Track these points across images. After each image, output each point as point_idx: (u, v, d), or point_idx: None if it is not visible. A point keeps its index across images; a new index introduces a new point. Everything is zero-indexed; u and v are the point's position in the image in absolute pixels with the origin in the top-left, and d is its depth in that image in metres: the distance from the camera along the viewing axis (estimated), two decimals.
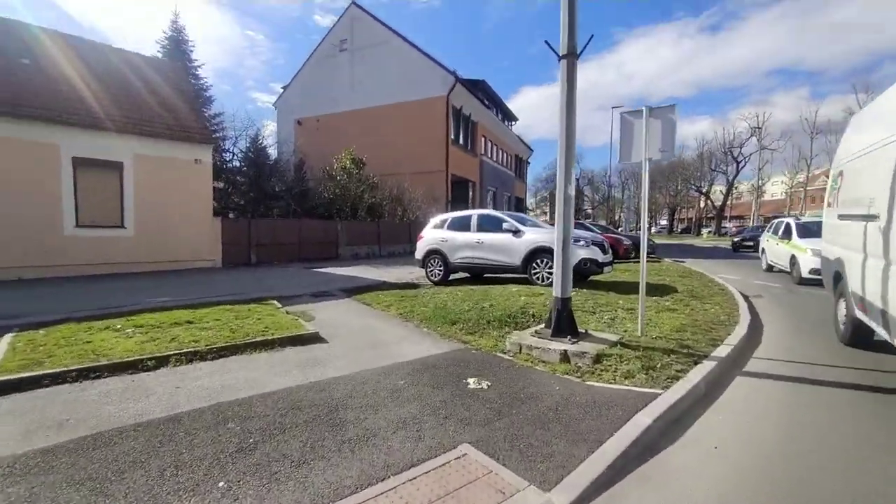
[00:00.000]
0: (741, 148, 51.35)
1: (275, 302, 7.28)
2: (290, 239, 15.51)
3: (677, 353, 4.28)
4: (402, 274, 11.58)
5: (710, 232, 54.08)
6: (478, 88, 26.14)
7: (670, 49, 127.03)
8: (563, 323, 4.63)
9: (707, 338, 4.92)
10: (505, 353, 4.64)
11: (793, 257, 10.21)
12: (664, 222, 68.17)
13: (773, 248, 12.00)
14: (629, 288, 8.14)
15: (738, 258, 18.08)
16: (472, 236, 9.33)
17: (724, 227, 52.74)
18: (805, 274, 9.49)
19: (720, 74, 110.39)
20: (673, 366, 3.94)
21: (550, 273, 8.15)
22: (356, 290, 8.89)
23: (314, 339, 5.13)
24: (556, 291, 4.71)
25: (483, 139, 28.26)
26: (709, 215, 61.79)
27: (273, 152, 21.56)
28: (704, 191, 57.68)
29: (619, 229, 29.16)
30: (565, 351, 4.26)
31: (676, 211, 66.96)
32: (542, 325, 4.99)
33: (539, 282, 8.25)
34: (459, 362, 4.33)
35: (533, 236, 8.50)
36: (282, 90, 27.93)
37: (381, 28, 24.07)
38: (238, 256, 13.88)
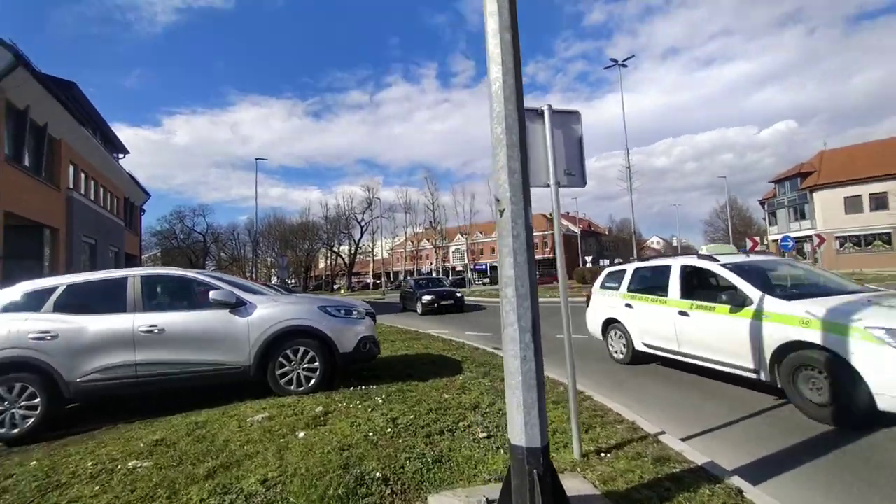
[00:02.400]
0: (363, 214, 61.17)
1: None
2: None
3: (681, 478, 2.64)
4: None
5: (338, 288, 59.83)
6: (65, 92, 17.46)
7: (282, 122, 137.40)
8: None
9: (621, 430, 3.60)
10: None
11: (783, 349, 4.00)
12: (293, 281, 69.85)
13: (667, 324, 5.46)
14: (400, 368, 6.02)
15: (411, 313, 17.81)
16: (134, 320, 4.59)
17: (352, 283, 59.77)
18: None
19: (324, 154, 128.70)
20: None
21: (312, 372, 4.91)
22: None
23: None
24: (519, 437, 2.10)
25: (73, 167, 19.00)
26: (340, 272, 68.28)
27: None
28: (336, 249, 63.70)
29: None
30: None
31: (310, 269, 70.22)
32: None
33: (291, 388, 4.79)
34: None
35: (273, 310, 4.91)
36: None
37: None
38: None
